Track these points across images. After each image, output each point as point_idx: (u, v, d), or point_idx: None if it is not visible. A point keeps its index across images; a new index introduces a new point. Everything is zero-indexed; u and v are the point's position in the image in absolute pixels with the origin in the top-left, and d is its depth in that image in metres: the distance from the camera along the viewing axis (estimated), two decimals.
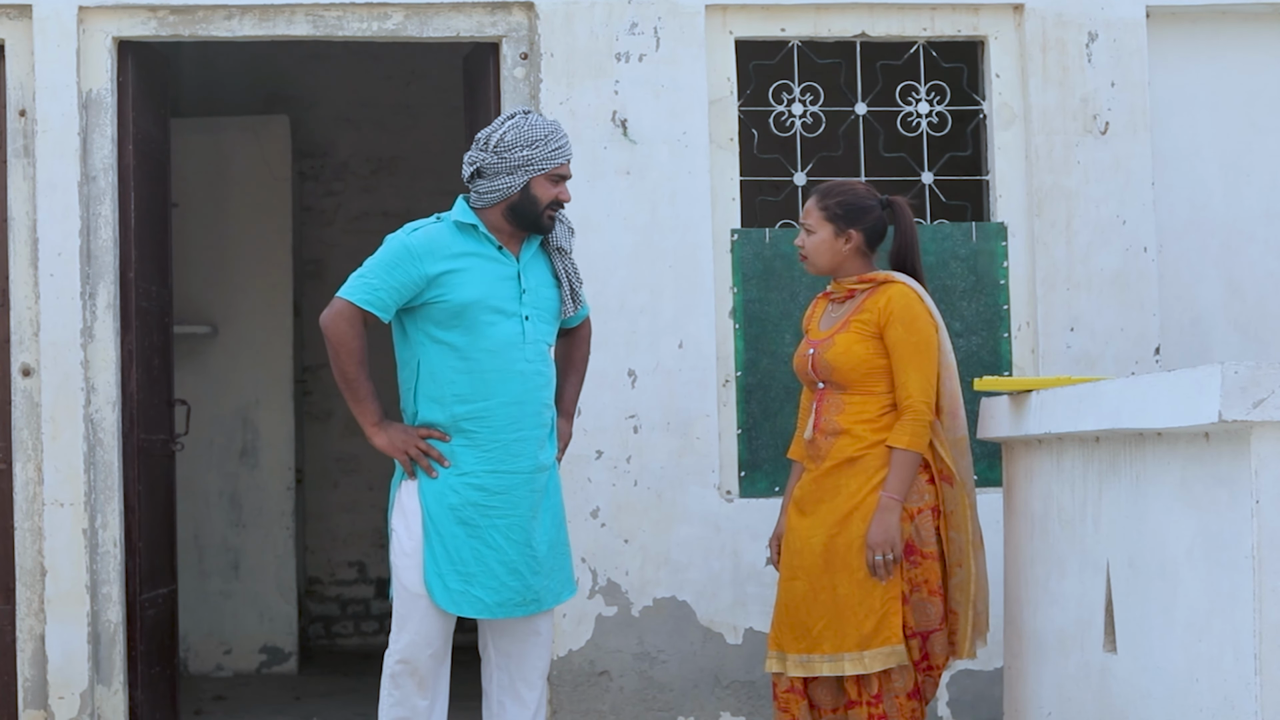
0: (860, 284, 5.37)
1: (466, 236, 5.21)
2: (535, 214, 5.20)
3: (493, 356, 5.13)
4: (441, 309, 5.13)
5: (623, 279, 6.73)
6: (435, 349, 5.16)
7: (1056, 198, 6.87)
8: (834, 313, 5.44)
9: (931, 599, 5.27)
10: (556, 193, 5.21)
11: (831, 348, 5.31)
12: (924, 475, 5.29)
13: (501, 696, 5.29)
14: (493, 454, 5.14)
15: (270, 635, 9.66)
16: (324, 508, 10.71)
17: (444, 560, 5.10)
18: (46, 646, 6.59)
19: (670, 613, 6.71)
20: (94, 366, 6.65)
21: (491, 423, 5.14)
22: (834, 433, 5.30)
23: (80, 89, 6.65)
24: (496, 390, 5.13)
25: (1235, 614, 3.74)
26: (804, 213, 5.44)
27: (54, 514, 6.58)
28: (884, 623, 5.18)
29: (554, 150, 5.19)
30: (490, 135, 5.21)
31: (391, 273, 5.13)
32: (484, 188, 5.21)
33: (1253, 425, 3.65)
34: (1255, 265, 7.06)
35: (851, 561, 5.21)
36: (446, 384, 5.15)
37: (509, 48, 6.82)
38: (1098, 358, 6.83)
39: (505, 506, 5.15)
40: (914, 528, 5.24)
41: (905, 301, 5.29)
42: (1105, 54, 6.91)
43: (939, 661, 5.34)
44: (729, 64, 6.87)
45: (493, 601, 5.13)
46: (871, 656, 5.18)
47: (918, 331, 5.27)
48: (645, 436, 6.70)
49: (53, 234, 6.59)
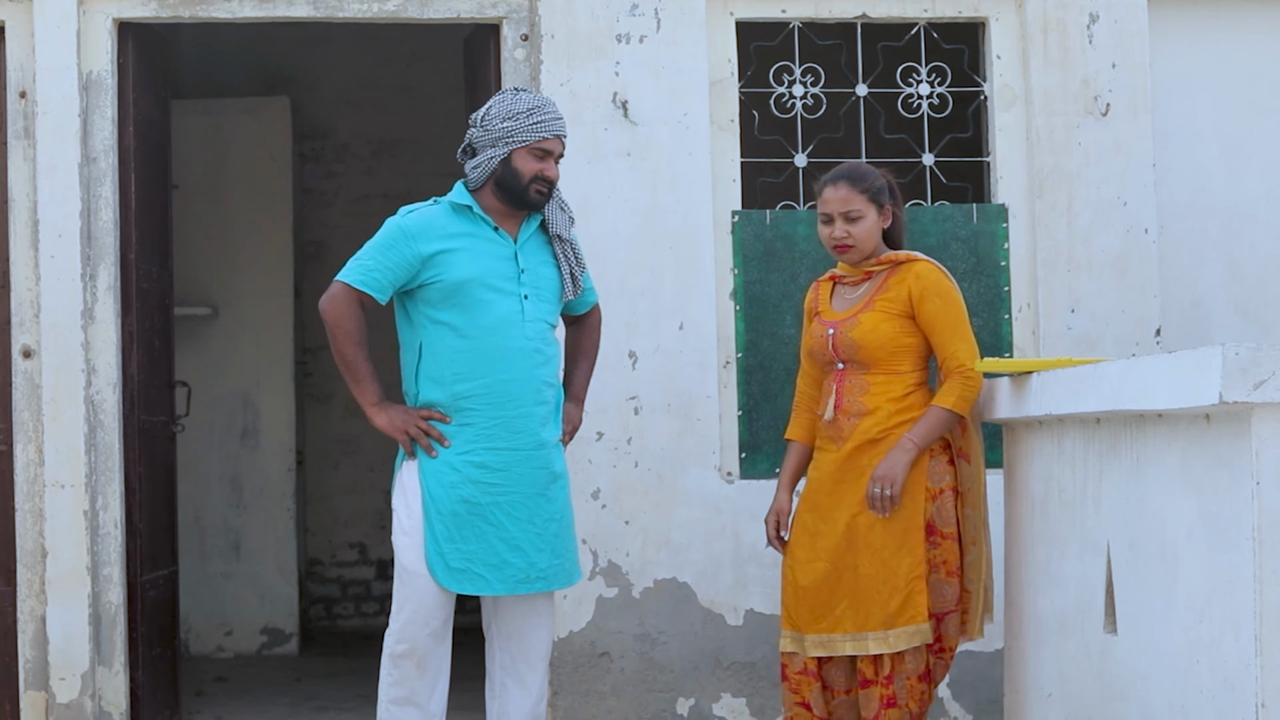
0: (879, 265, 5.39)
1: (462, 217, 5.25)
2: (520, 188, 5.22)
3: (491, 334, 5.16)
4: (437, 289, 5.17)
5: (623, 260, 6.72)
6: (435, 329, 5.19)
7: (1057, 179, 6.87)
8: (849, 294, 5.45)
9: (949, 580, 5.31)
10: (540, 168, 5.22)
11: (857, 326, 5.33)
12: (944, 456, 5.34)
13: (503, 678, 5.31)
14: (493, 431, 5.17)
15: (271, 617, 9.67)
16: (325, 489, 10.72)
17: (444, 538, 5.12)
18: (47, 628, 6.59)
19: (671, 594, 6.71)
20: (95, 348, 6.65)
21: (490, 399, 5.16)
22: (858, 414, 5.32)
23: (81, 71, 6.64)
24: (495, 367, 5.16)
25: (1235, 595, 3.74)
26: (839, 202, 5.35)
27: (55, 495, 6.58)
28: (909, 601, 5.22)
29: (536, 123, 5.21)
30: (481, 112, 5.29)
31: (386, 254, 5.18)
32: (472, 165, 5.27)
33: (1253, 407, 3.65)
34: (1256, 247, 7.06)
35: (874, 541, 5.24)
36: (447, 363, 5.17)
37: (509, 29, 6.81)
38: (1098, 339, 6.83)
39: (507, 483, 5.17)
40: (935, 508, 5.28)
41: (935, 276, 5.34)
42: (1106, 35, 6.91)
43: (951, 644, 5.37)
44: (730, 45, 6.86)
45: (494, 579, 5.15)
46: (896, 635, 5.22)
47: (954, 302, 5.34)
48: (646, 418, 6.70)
49: (53, 216, 6.59)
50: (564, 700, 6.67)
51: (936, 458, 5.32)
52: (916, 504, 5.27)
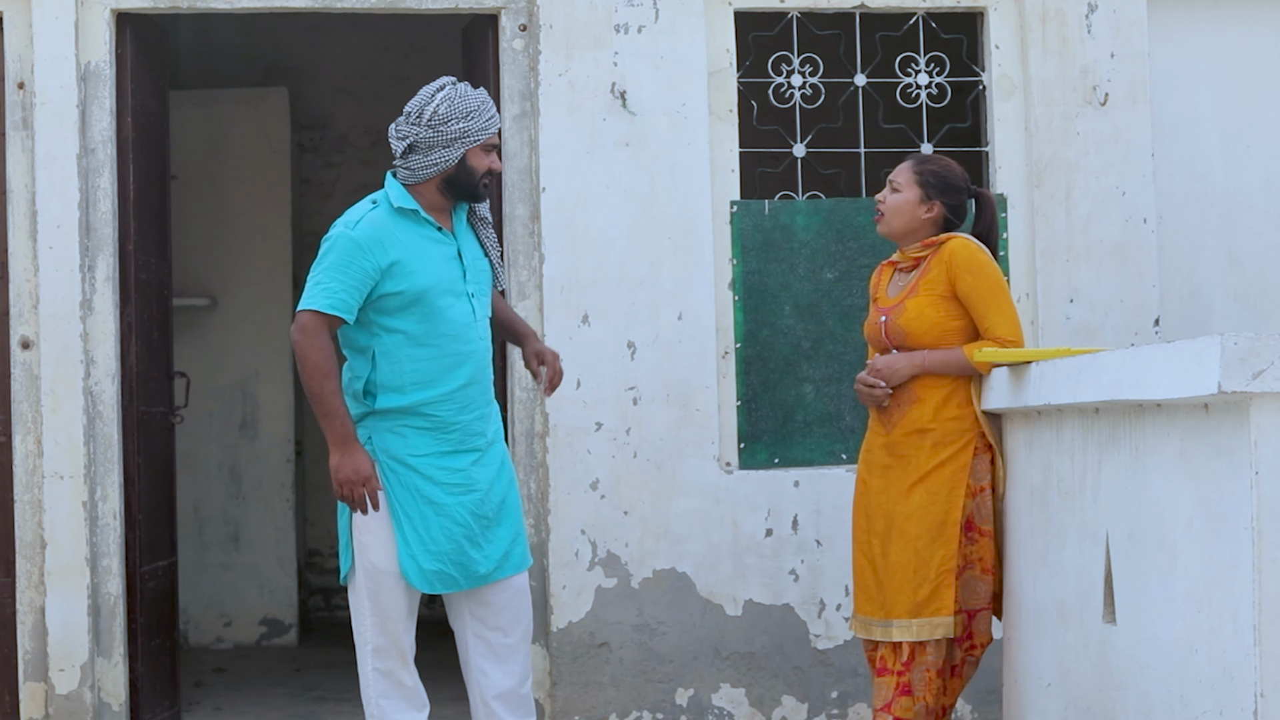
0: (924, 249, 5.43)
1: (407, 221, 5.15)
2: (472, 184, 5.18)
3: (451, 340, 5.12)
4: (396, 300, 5.08)
5: (622, 251, 6.72)
6: (390, 338, 5.11)
7: (1056, 169, 6.86)
8: (901, 280, 5.51)
9: (983, 577, 5.36)
10: (489, 162, 5.19)
11: (903, 313, 5.38)
12: (987, 454, 5.38)
13: (481, 663, 5.26)
14: (452, 435, 5.14)
15: (270, 607, 9.67)
16: (324, 480, 10.66)
17: (415, 542, 5.09)
18: (47, 619, 6.59)
19: (670, 584, 6.71)
20: (93, 339, 6.64)
21: (451, 405, 5.13)
22: (909, 401, 5.37)
23: (79, 61, 6.63)
24: (456, 374, 5.13)
25: (1234, 585, 3.74)
26: (895, 171, 5.51)
27: (54, 487, 6.58)
28: (937, 593, 5.26)
29: (488, 120, 5.17)
30: (423, 108, 5.15)
31: (346, 272, 5.05)
32: (418, 163, 5.15)
33: (1252, 396, 3.65)
34: (1255, 236, 7.06)
35: (910, 530, 5.30)
36: (407, 371, 5.10)
37: (508, 19, 6.80)
38: (1097, 329, 6.83)
39: (468, 483, 5.15)
40: (975, 505, 5.33)
41: (966, 251, 5.36)
42: (1105, 25, 6.90)
43: (982, 640, 5.40)
44: (728, 35, 6.85)
45: (461, 576, 5.14)
46: (920, 625, 5.26)
47: (987, 276, 5.35)
48: (645, 408, 6.70)
49: (52, 206, 6.58)
50: (563, 690, 6.67)
51: (980, 455, 5.36)
52: (956, 499, 5.30)
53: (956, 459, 5.31)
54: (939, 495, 5.29)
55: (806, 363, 6.81)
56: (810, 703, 6.75)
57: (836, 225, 6.83)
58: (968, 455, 5.33)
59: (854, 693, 6.74)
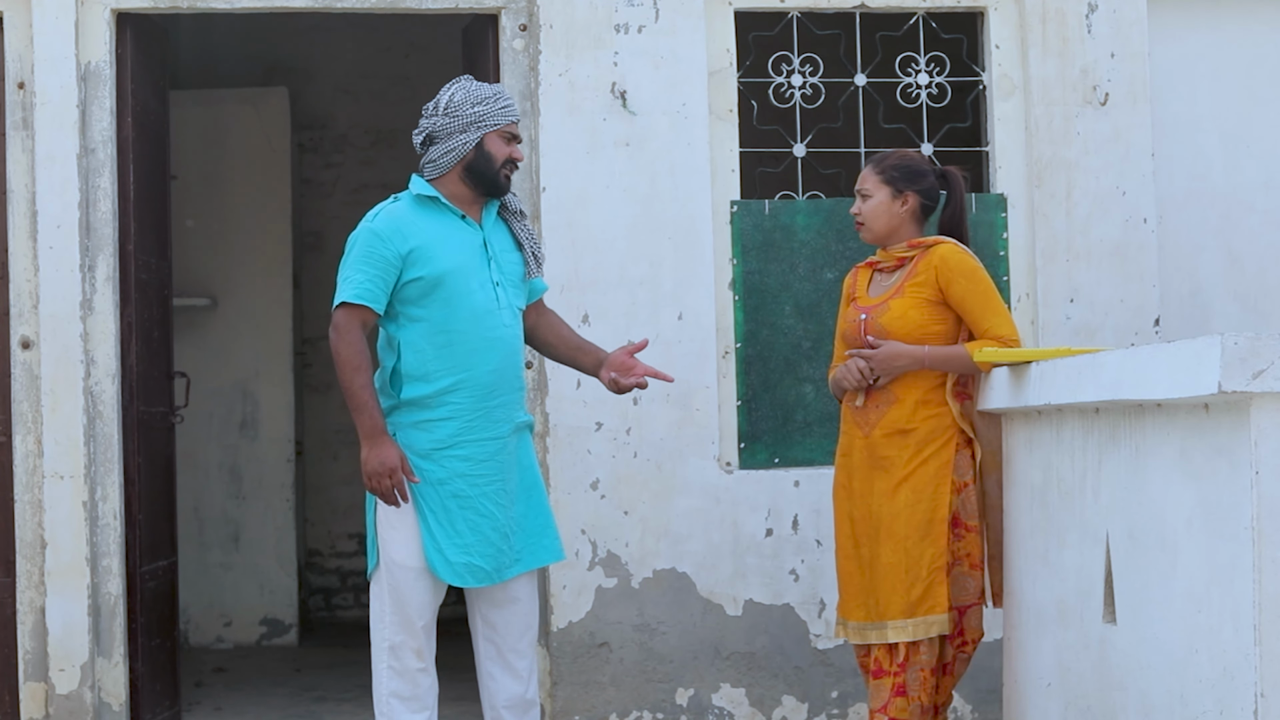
0: (910, 250, 5.42)
1: (428, 210, 5.20)
2: (492, 172, 5.20)
3: (473, 325, 5.13)
4: (417, 286, 5.12)
5: (622, 251, 6.72)
6: (415, 327, 5.14)
7: (1056, 169, 6.87)
8: (884, 280, 5.50)
9: (972, 573, 5.36)
10: (510, 151, 5.22)
11: (886, 312, 5.37)
12: (968, 450, 5.39)
13: (490, 666, 5.28)
14: (475, 423, 5.15)
15: (270, 607, 9.67)
16: (324, 480, 10.72)
17: (440, 534, 5.10)
18: (47, 619, 6.59)
19: (670, 584, 6.71)
20: (93, 339, 6.65)
21: (475, 391, 5.14)
22: (887, 402, 5.36)
23: (79, 61, 6.63)
24: (478, 360, 5.14)
25: (1235, 585, 3.74)
26: (859, 180, 5.51)
27: (54, 487, 6.58)
28: (930, 591, 5.26)
29: (504, 106, 5.22)
30: (438, 101, 5.24)
31: (370, 262, 5.10)
32: (437, 153, 5.21)
33: (1252, 396, 3.65)
34: (1255, 236, 7.06)
35: (898, 531, 5.29)
36: (431, 359, 5.12)
37: (508, 19, 6.81)
38: (1097, 329, 6.83)
39: (491, 473, 5.16)
40: (960, 501, 5.32)
41: (958, 256, 5.36)
42: (1105, 25, 6.90)
43: (973, 636, 5.40)
44: (728, 35, 6.85)
45: (490, 568, 5.14)
46: (915, 624, 5.26)
47: (979, 280, 5.35)
48: (645, 408, 6.70)
49: (52, 206, 6.59)
50: (563, 690, 6.67)
51: (961, 451, 5.36)
52: (942, 496, 5.30)
53: (939, 456, 5.32)
54: (925, 493, 5.29)
55: (806, 363, 6.81)
56: (810, 703, 6.75)
57: (836, 225, 6.83)
58: (950, 452, 5.33)
59: (854, 693, 6.74)
